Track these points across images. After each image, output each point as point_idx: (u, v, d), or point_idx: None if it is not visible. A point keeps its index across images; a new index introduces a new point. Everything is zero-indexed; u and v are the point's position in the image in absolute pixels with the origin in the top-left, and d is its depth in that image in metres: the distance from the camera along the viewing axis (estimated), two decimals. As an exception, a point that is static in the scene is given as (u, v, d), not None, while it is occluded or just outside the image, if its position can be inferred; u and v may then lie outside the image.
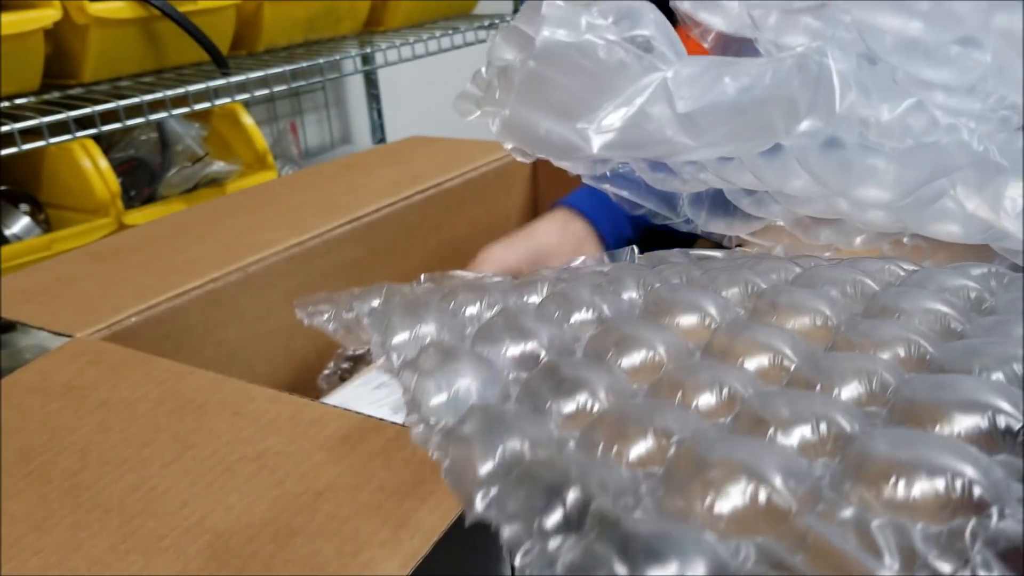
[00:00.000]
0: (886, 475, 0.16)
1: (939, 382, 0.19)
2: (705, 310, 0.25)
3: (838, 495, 0.16)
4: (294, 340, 0.54)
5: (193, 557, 0.27)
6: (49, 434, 0.34)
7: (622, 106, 0.17)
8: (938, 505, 0.16)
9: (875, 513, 0.16)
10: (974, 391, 0.17)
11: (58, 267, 0.51)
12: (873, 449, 0.17)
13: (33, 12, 0.75)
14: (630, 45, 0.16)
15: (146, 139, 0.94)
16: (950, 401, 0.17)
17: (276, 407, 0.34)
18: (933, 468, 0.16)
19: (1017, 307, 0.22)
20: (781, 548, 0.16)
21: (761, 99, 0.18)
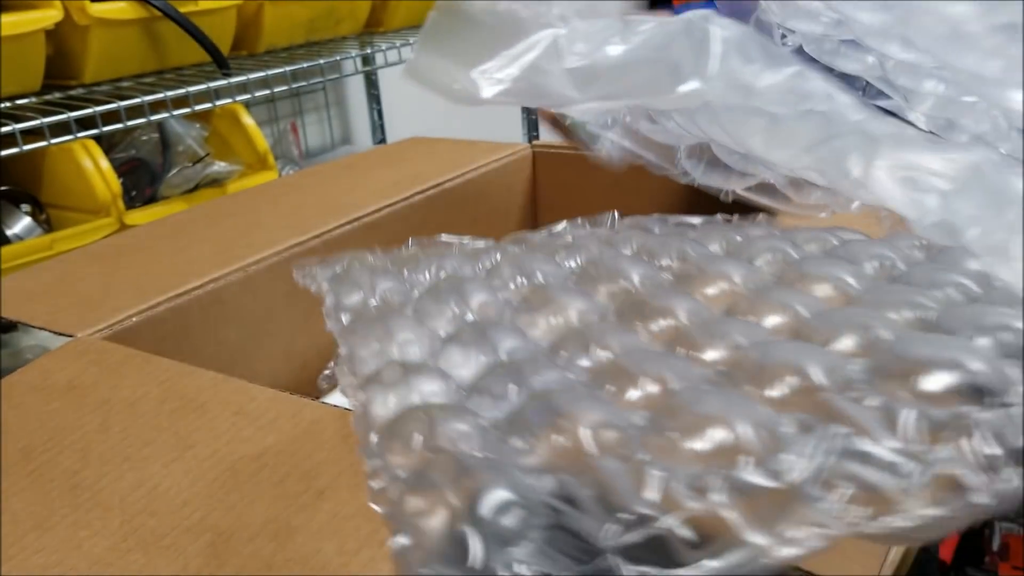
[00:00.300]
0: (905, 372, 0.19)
1: (925, 339, 0.20)
2: (625, 279, 0.28)
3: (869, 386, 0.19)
4: (295, 340, 0.54)
5: (194, 556, 0.27)
6: (50, 433, 0.34)
7: (516, 58, 0.19)
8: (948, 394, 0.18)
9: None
10: (951, 349, 0.19)
11: (59, 267, 0.51)
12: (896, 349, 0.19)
13: (34, 13, 0.75)
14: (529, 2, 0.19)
15: (147, 139, 0.94)
16: (930, 356, 0.19)
17: (277, 406, 0.34)
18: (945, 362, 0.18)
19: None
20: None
21: (645, 59, 0.20)
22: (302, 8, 0.97)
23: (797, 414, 0.19)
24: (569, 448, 0.18)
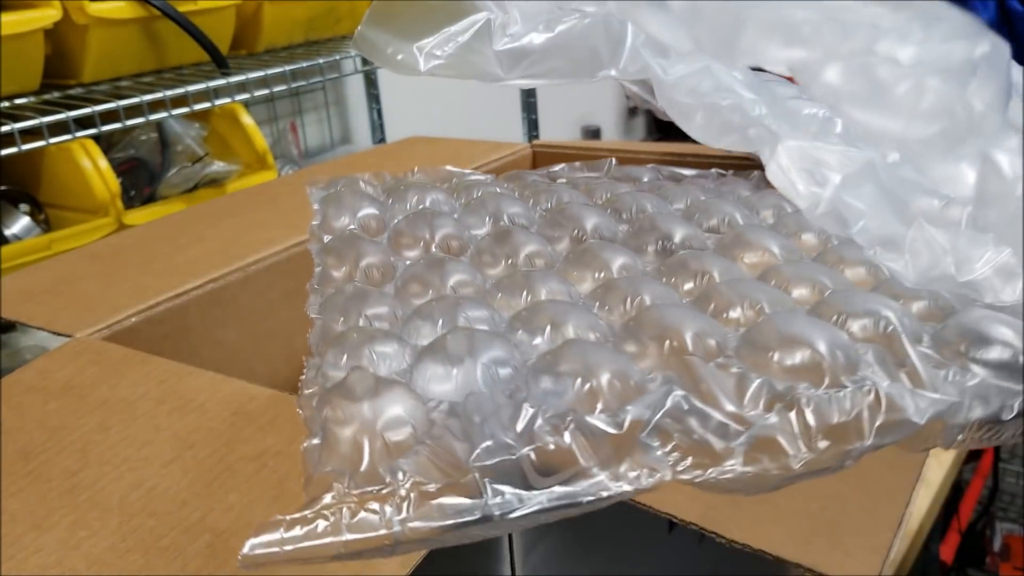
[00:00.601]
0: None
1: (799, 319, 0.23)
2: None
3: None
4: (294, 340, 0.54)
5: (193, 556, 0.27)
6: (49, 433, 0.34)
7: (453, 37, 0.22)
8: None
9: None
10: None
11: (58, 267, 0.51)
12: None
13: (33, 12, 0.75)
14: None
15: (146, 139, 0.94)
16: (795, 335, 0.22)
17: (276, 407, 0.34)
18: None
19: None
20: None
21: (567, 46, 0.23)
22: (301, 7, 0.97)
23: (667, 372, 0.21)
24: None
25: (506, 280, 0.27)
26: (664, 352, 0.22)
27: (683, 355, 0.22)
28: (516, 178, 0.42)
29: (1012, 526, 1.38)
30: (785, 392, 0.21)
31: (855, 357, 0.22)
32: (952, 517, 1.18)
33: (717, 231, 0.32)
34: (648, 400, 0.20)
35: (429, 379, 0.22)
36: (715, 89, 0.26)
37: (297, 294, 0.43)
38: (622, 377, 0.21)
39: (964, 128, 0.16)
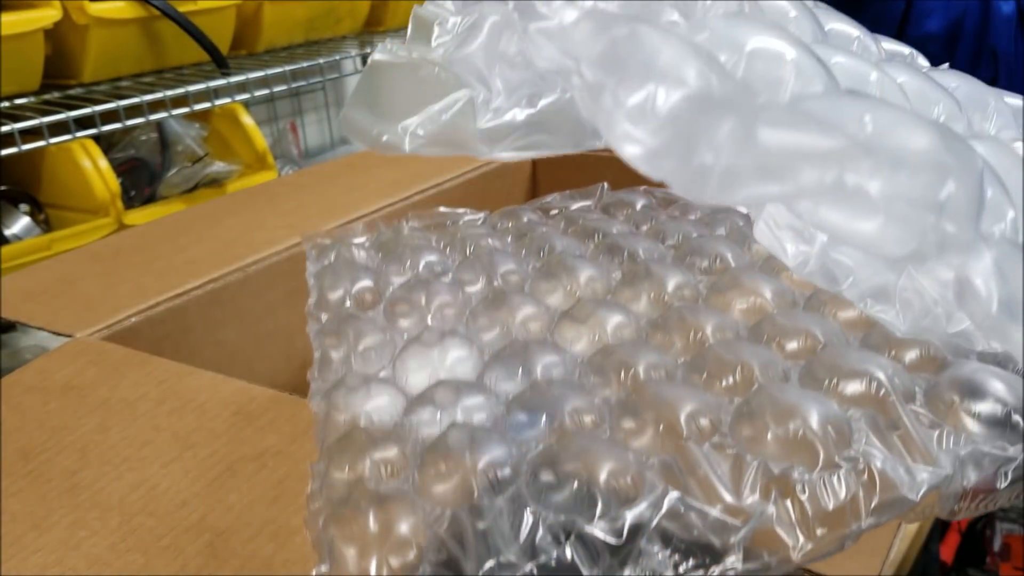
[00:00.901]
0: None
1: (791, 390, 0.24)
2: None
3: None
4: (294, 340, 0.54)
5: (193, 556, 0.27)
6: (49, 433, 0.34)
7: (436, 116, 0.22)
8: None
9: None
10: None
11: (58, 267, 0.51)
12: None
13: (33, 12, 0.75)
14: (451, 66, 0.21)
15: (146, 139, 0.94)
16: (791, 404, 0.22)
17: (276, 407, 0.34)
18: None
19: None
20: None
21: (551, 120, 0.23)
22: (301, 7, 0.97)
23: (664, 456, 0.21)
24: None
25: (504, 352, 0.27)
26: (660, 433, 0.22)
27: (678, 439, 0.22)
28: (511, 216, 0.42)
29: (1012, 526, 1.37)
30: (781, 476, 0.21)
31: (847, 430, 0.22)
32: (952, 517, 1.17)
33: (710, 272, 0.33)
34: (646, 502, 0.20)
35: (433, 480, 0.22)
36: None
37: (297, 294, 0.43)
38: (620, 474, 0.21)
39: (935, 250, 0.15)
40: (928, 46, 0.64)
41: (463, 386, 0.26)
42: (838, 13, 0.27)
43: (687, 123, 0.15)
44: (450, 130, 0.22)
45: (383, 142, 0.22)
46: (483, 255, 0.35)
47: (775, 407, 0.22)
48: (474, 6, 0.22)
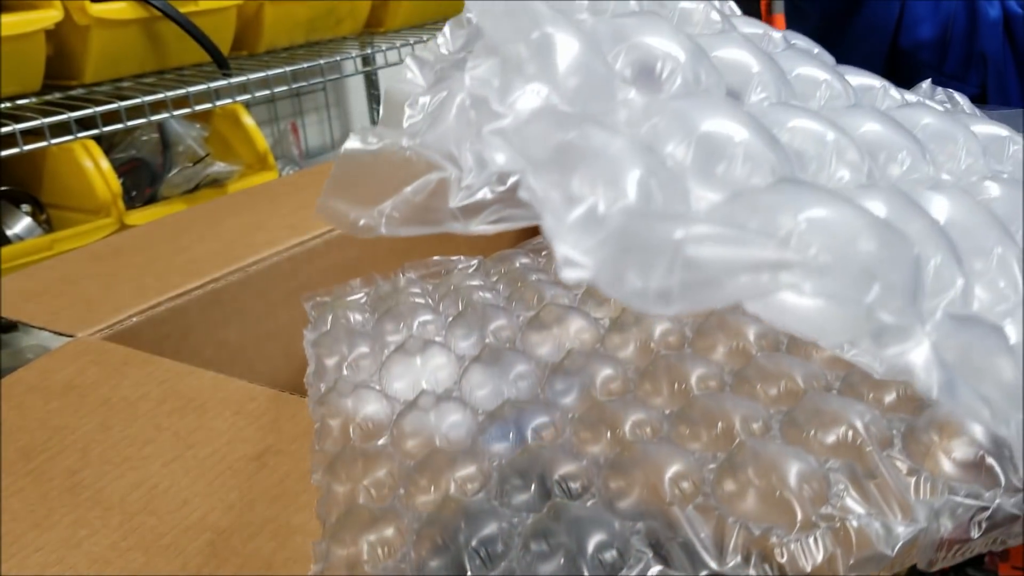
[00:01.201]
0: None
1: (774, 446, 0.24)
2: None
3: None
4: (295, 340, 0.54)
5: (194, 555, 0.27)
6: (50, 433, 0.34)
7: (409, 198, 0.23)
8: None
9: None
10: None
11: (59, 267, 0.51)
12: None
13: (34, 13, 0.75)
14: (421, 150, 0.22)
15: (147, 140, 0.94)
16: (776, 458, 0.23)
17: (277, 407, 0.34)
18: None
19: None
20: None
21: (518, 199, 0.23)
22: (302, 8, 0.97)
23: (648, 521, 0.22)
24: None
25: (496, 413, 0.28)
26: (646, 494, 0.23)
27: (662, 502, 0.22)
28: (504, 261, 0.42)
29: (1013, 527, 1.37)
30: (761, 537, 0.21)
31: (825, 485, 0.22)
32: (953, 518, 1.18)
33: (695, 314, 0.33)
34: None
35: (429, 556, 0.22)
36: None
37: (298, 295, 0.44)
38: (607, 547, 0.21)
39: (872, 341, 0.16)
40: (920, 53, 0.64)
41: (459, 455, 0.26)
42: (806, 55, 0.28)
43: (618, 246, 0.15)
44: (423, 211, 0.22)
45: (360, 226, 0.23)
46: (476, 309, 0.35)
47: (756, 463, 0.23)
48: (445, 82, 0.23)
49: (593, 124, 0.17)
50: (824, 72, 0.27)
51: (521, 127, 0.18)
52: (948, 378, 0.16)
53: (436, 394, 0.29)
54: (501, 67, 0.19)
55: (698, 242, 0.15)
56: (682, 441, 0.25)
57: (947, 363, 0.16)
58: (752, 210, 0.16)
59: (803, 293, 0.15)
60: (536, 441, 0.26)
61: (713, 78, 0.23)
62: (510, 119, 0.18)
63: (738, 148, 0.19)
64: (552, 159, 0.17)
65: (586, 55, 0.20)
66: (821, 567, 0.21)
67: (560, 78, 0.19)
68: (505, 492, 0.24)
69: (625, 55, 0.22)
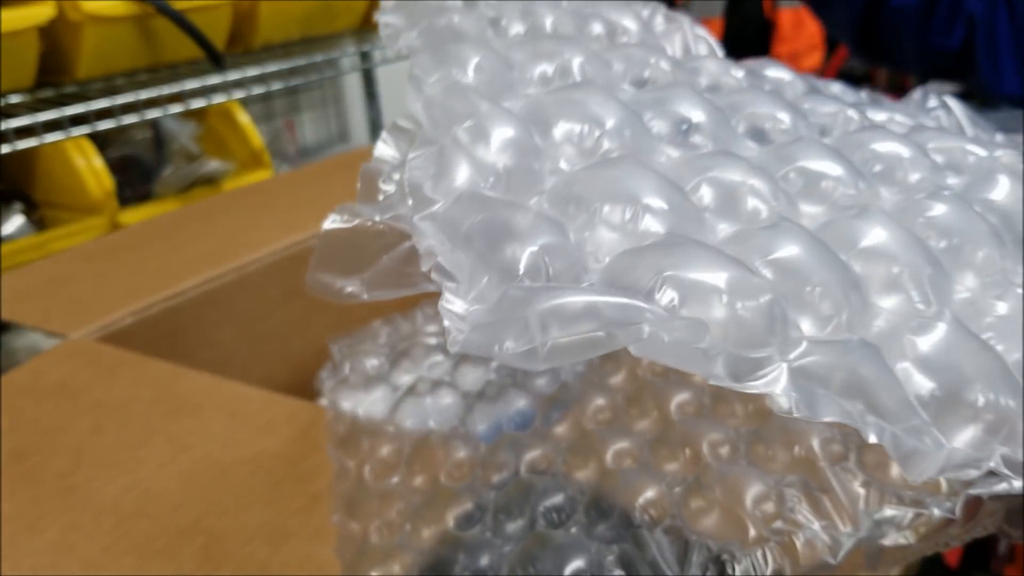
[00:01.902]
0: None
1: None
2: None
3: None
4: (291, 341, 0.54)
5: (187, 559, 0.27)
6: (42, 435, 0.34)
7: (388, 265, 0.25)
8: None
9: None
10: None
11: (52, 267, 0.51)
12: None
13: (27, 9, 0.75)
14: (393, 222, 0.24)
15: (141, 137, 0.94)
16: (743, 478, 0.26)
17: (272, 409, 0.34)
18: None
19: None
20: None
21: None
22: (298, 5, 0.97)
23: (622, 544, 0.24)
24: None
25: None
26: (619, 522, 0.25)
27: (633, 528, 0.25)
28: None
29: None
30: (719, 553, 0.24)
31: (778, 506, 0.25)
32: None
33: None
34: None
35: None
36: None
37: (294, 295, 0.43)
38: (584, 573, 0.24)
39: (729, 374, 0.18)
40: (905, 12, 0.64)
41: (460, 491, 0.28)
42: (765, 93, 0.28)
43: (495, 319, 0.17)
44: (399, 276, 0.25)
45: (346, 293, 0.26)
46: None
47: (720, 484, 0.25)
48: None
49: (506, 206, 0.20)
50: (778, 110, 0.28)
51: (448, 210, 0.20)
52: (806, 399, 0.17)
53: (444, 433, 0.31)
54: (437, 155, 0.22)
55: (558, 312, 0.17)
56: (660, 463, 0.28)
57: (806, 385, 0.18)
58: (628, 267, 0.19)
59: (664, 340, 0.17)
60: (528, 473, 0.28)
61: (648, 142, 0.24)
62: (439, 204, 0.21)
63: (642, 210, 0.20)
64: (464, 238, 0.19)
65: (517, 138, 0.22)
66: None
67: (489, 162, 0.21)
68: (498, 523, 0.26)
69: (562, 124, 0.24)
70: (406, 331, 0.42)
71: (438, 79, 0.25)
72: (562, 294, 0.17)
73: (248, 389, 0.36)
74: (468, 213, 0.20)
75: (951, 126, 0.34)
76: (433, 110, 0.23)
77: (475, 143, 0.22)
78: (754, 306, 0.18)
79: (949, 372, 0.19)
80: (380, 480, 0.29)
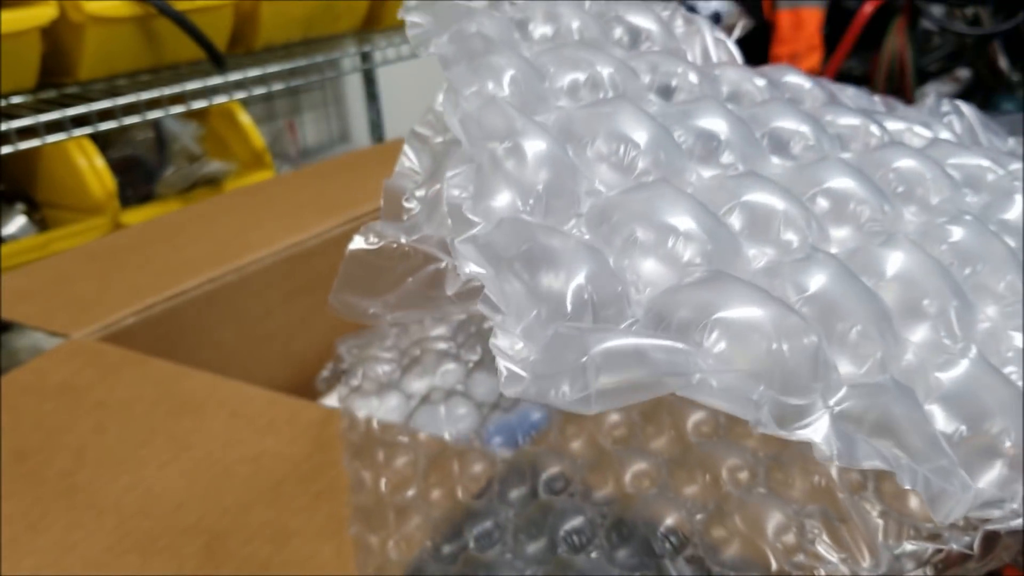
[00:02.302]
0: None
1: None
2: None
3: None
4: (292, 341, 0.54)
5: (189, 558, 0.27)
6: (45, 434, 0.34)
7: (411, 288, 0.25)
8: None
9: None
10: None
11: (54, 267, 0.51)
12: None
13: (29, 10, 0.75)
14: (418, 244, 0.25)
15: (143, 138, 0.94)
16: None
17: (274, 408, 0.34)
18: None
19: None
20: None
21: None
22: (299, 5, 0.97)
23: (644, 572, 0.25)
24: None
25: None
26: (641, 548, 0.25)
27: (655, 557, 0.25)
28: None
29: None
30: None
31: (800, 533, 0.25)
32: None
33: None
34: None
35: None
36: None
37: (295, 295, 0.43)
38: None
39: (775, 424, 0.17)
40: None
41: (477, 508, 0.28)
42: (787, 104, 0.29)
43: (548, 361, 0.17)
44: (424, 299, 0.25)
45: (370, 314, 0.26)
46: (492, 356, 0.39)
47: (741, 512, 0.25)
48: (439, 172, 0.24)
49: (548, 233, 0.19)
50: (800, 123, 0.27)
51: (489, 235, 0.20)
52: (847, 446, 0.17)
53: (459, 446, 0.31)
54: (476, 173, 0.21)
55: (609, 356, 0.17)
56: (679, 486, 0.27)
57: (847, 431, 0.17)
58: (673, 306, 0.18)
59: (712, 386, 0.17)
60: (546, 491, 0.28)
61: (680, 161, 0.24)
62: (480, 227, 0.20)
63: (679, 238, 0.20)
64: (508, 268, 0.19)
65: (554, 156, 0.21)
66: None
67: (528, 182, 0.21)
68: (518, 543, 0.26)
69: (597, 142, 0.23)
70: (415, 335, 0.42)
71: (474, 92, 0.24)
72: (612, 336, 0.17)
73: (250, 389, 0.36)
74: (510, 240, 0.19)
75: (964, 131, 0.33)
76: (470, 125, 0.23)
77: (513, 161, 0.21)
78: (799, 349, 0.18)
79: (974, 409, 0.19)
80: (396, 493, 0.30)
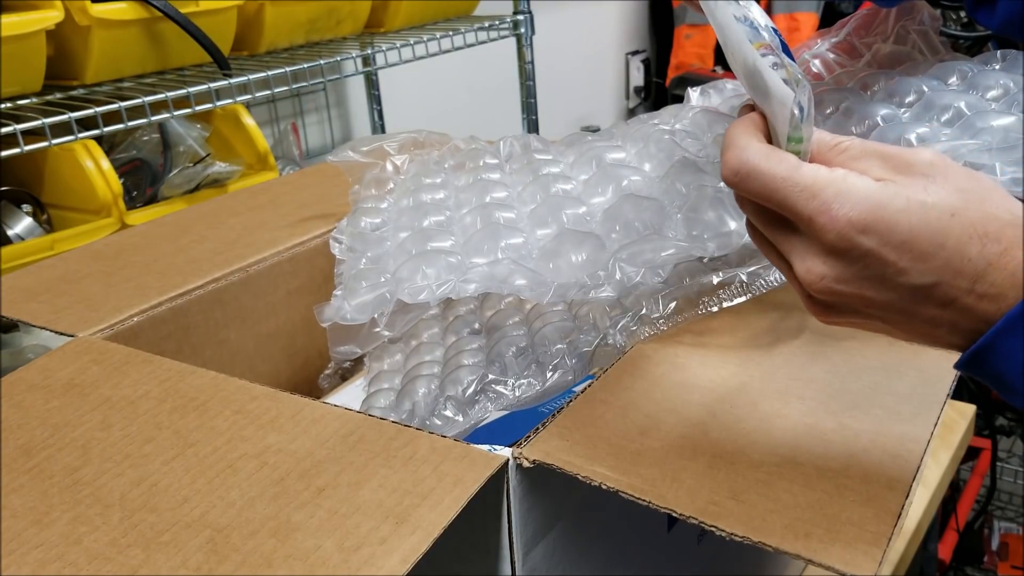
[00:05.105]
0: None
1: None
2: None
3: None
4: (296, 340, 0.54)
5: (193, 551, 0.27)
6: (51, 431, 0.34)
7: (366, 332, 0.42)
8: None
9: None
10: None
11: (60, 266, 0.51)
12: None
13: (35, 13, 0.75)
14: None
15: (148, 140, 0.94)
16: None
17: (277, 406, 0.34)
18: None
19: None
20: None
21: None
22: (303, 8, 0.97)
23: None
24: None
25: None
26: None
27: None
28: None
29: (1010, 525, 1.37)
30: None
31: None
32: (950, 516, 1.18)
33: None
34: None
35: None
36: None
37: (298, 294, 0.44)
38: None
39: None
40: None
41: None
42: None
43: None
44: (376, 336, 0.39)
45: (357, 351, 0.44)
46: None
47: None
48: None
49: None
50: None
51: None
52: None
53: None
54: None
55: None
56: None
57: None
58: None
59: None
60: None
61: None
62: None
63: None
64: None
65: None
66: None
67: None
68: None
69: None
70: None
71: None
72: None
73: (254, 386, 0.36)
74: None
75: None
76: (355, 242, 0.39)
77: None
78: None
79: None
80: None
